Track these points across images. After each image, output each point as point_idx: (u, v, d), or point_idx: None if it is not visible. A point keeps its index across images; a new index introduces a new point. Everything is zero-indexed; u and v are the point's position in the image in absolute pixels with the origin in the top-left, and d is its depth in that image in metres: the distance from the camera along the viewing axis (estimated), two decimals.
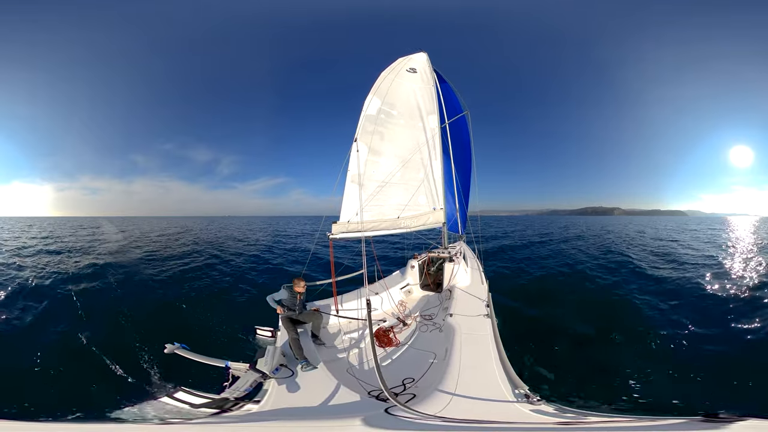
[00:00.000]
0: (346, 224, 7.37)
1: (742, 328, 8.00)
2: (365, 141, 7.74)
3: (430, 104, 8.56)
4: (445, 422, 2.81)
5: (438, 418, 2.90)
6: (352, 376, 4.76)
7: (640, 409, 5.02)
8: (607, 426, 2.70)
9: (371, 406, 3.57)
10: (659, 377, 5.94)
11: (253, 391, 3.97)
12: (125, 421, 3.06)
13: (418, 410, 3.04)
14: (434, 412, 2.99)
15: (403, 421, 2.87)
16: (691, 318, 8.61)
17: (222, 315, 9.18)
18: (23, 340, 7.38)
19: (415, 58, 8.21)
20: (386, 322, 6.71)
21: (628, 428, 2.57)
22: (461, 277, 7.91)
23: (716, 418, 2.30)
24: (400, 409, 3.08)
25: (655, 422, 2.50)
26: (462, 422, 2.77)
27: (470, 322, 5.34)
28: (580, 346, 7.38)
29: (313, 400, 3.73)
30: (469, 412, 3.02)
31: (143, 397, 3.54)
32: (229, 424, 3.20)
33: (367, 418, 2.84)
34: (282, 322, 5.45)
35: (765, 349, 6.87)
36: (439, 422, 2.82)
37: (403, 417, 2.93)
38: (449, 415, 2.95)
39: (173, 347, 4.29)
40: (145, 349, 6.68)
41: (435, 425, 2.78)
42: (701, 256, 19.14)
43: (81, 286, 11.84)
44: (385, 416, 2.95)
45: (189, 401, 3.56)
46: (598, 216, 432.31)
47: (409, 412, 2.99)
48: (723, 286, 11.65)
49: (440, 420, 2.87)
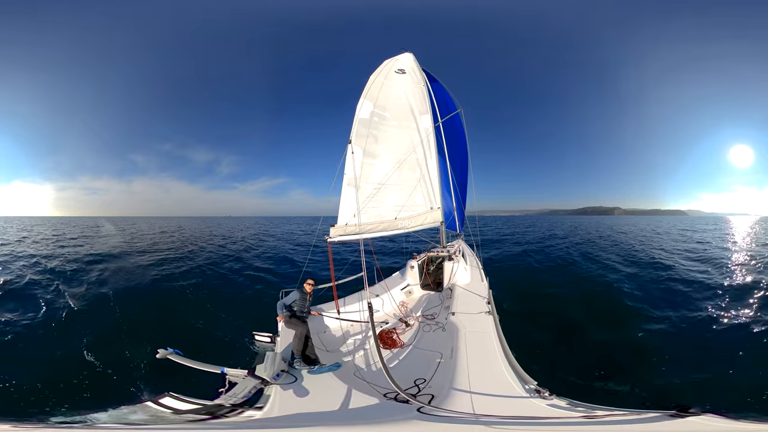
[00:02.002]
0: (344, 227, 7.34)
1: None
2: (360, 144, 7.75)
3: (422, 104, 8.58)
4: (486, 418, 2.77)
5: (473, 416, 2.87)
6: (361, 379, 4.67)
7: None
8: (615, 420, 2.72)
9: (397, 409, 3.53)
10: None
11: (253, 397, 3.88)
12: (112, 426, 2.97)
13: (450, 409, 3.00)
14: (467, 411, 2.96)
15: (444, 419, 2.83)
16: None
17: (217, 318, 9.11)
18: (13, 342, 7.32)
19: (401, 59, 8.25)
20: (388, 323, 6.63)
21: (631, 421, 2.62)
22: (461, 275, 7.86)
23: (686, 413, 2.52)
24: (432, 409, 3.03)
25: (641, 415, 2.62)
26: (500, 418, 2.74)
27: (473, 319, 5.31)
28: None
29: (328, 404, 3.67)
30: (494, 409, 2.99)
31: (129, 402, 3.45)
32: (244, 430, 3.18)
33: (406, 419, 2.85)
34: (290, 323, 5.34)
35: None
36: (482, 419, 2.79)
37: (442, 416, 2.89)
38: (481, 412, 2.92)
39: (166, 352, 4.20)
40: (135, 353, 6.59)
41: (475, 421, 2.74)
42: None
43: (75, 285, 11.81)
44: (423, 416, 2.90)
45: (176, 407, 3.44)
46: (599, 216, 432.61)
47: (442, 412, 2.95)
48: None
49: (476, 416, 2.84)
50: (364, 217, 7.61)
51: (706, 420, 2.50)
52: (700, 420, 2.50)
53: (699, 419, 2.50)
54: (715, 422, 2.50)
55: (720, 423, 2.52)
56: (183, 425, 3.16)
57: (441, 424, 2.72)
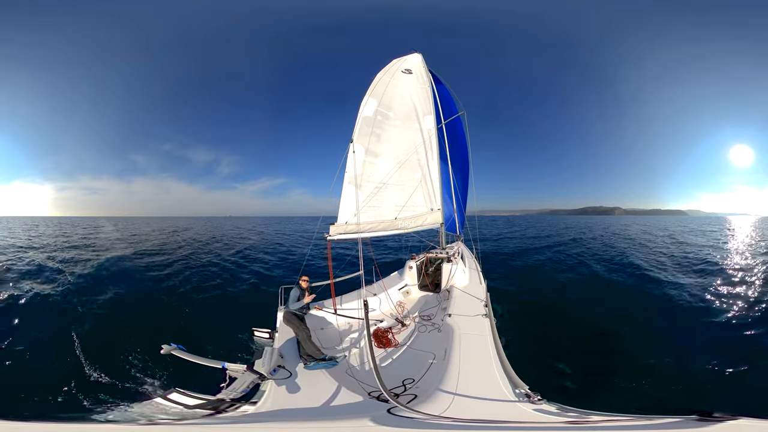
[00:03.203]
0: (344, 226, 7.38)
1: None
2: (362, 143, 7.77)
3: (427, 105, 8.59)
4: (451, 422, 2.79)
5: (441, 418, 2.88)
6: (351, 377, 4.75)
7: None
8: (611, 425, 2.69)
9: (373, 407, 3.55)
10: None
11: (250, 392, 3.97)
12: (118, 421, 3.06)
13: (421, 410, 3.02)
14: (438, 412, 2.98)
15: (407, 421, 2.86)
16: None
17: (217, 316, 9.20)
18: (14, 338, 7.41)
19: (409, 59, 8.25)
20: (384, 322, 6.71)
21: (629, 427, 2.57)
22: (459, 277, 7.91)
23: (710, 417, 2.34)
24: (403, 410, 3.06)
25: (653, 421, 2.51)
26: (468, 422, 2.75)
27: (469, 321, 5.33)
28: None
29: (313, 401, 3.73)
30: (472, 412, 3.00)
31: (137, 398, 3.54)
32: (227, 425, 3.18)
33: (372, 418, 2.84)
34: (289, 321, 5.43)
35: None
36: (444, 422, 2.80)
37: (406, 417, 2.92)
38: (453, 415, 2.93)
39: (170, 348, 4.29)
40: (140, 349, 6.67)
41: (440, 424, 2.76)
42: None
43: (73, 285, 11.86)
44: (388, 417, 2.93)
45: (183, 402, 3.55)
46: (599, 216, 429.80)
47: (412, 413, 2.97)
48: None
49: (444, 420, 2.85)
50: (364, 217, 7.65)
51: (746, 423, 2.25)
52: (739, 423, 2.24)
53: (737, 423, 2.24)
54: (756, 424, 2.26)
55: (762, 425, 2.27)
56: (177, 421, 3.23)
57: (395, 428, 2.69)
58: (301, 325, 5.30)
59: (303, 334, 5.09)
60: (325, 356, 4.83)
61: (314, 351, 4.86)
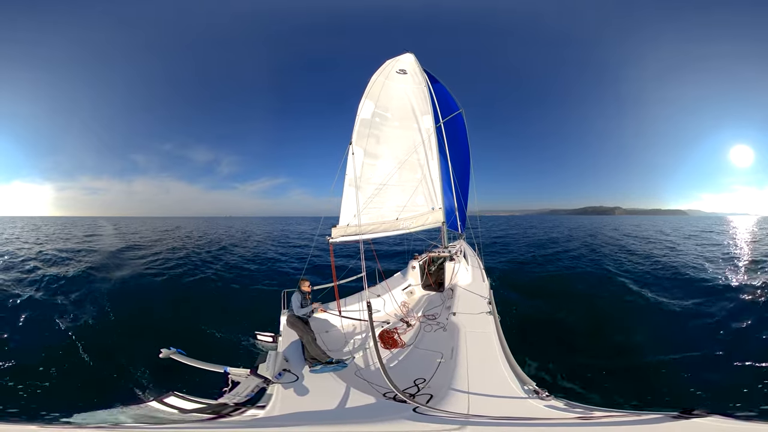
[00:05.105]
0: (346, 227, 7.35)
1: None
2: (361, 145, 7.76)
3: (424, 105, 8.59)
4: (479, 419, 2.78)
5: (470, 416, 2.87)
6: (361, 378, 4.69)
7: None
8: (612, 421, 2.71)
9: (394, 408, 3.52)
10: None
11: (256, 396, 3.89)
12: (115, 425, 2.98)
13: (445, 409, 3.00)
14: (462, 411, 2.96)
15: (435, 419, 2.83)
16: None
17: (217, 319, 9.14)
18: (18, 340, 7.35)
19: (402, 60, 8.25)
20: (389, 323, 6.65)
21: (630, 422, 2.60)
22: (462, 275, 7.85)
23: (690, 414, 2.45)
24: (428, 410, 3.03)
25: (638, 417, 2.60)
26: (496, 419, 2.74)
27: (473, 320, 5.31)
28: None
29: (327, 403, 3.67)
30: (489, 409, 2.99)
31: (134, 402, 3.46)
32: (242, 429, 3.16)
33: (402, 418, 2.84)
34: (293, 324, 5.35)
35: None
36: (473, 419, 2.79)
37: (431, 416, 2.89)
38: (475, 412, 2.92)
39: (169, 352, 4.21)
40: (139, 353, 6.58)
41: (470, 422, 2.74)
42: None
43: (72, 286, 11.82)
44: (417, 416, 2.90)
45: (181, 406, 3.47)
46: (599, 216, 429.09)
47: (437, 412, 2.95)
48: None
49: (473, 418, 2.84)
50: (365, 218, 7.62)
51: (712, 421, 2.40)
52: (706, 422, 2.40)
53: (705, 421, 2.40)
54: (722, 423, 2.40)
55: (727, 424, 2.42)
56: (186, 425, 3.17)
57: (431, 424, 2.71)
58: (305, 328, 5.22)
59: (308, 338, 5.01)
60: (332, 359, 4.75)
61: (320, 354, 4.79)
